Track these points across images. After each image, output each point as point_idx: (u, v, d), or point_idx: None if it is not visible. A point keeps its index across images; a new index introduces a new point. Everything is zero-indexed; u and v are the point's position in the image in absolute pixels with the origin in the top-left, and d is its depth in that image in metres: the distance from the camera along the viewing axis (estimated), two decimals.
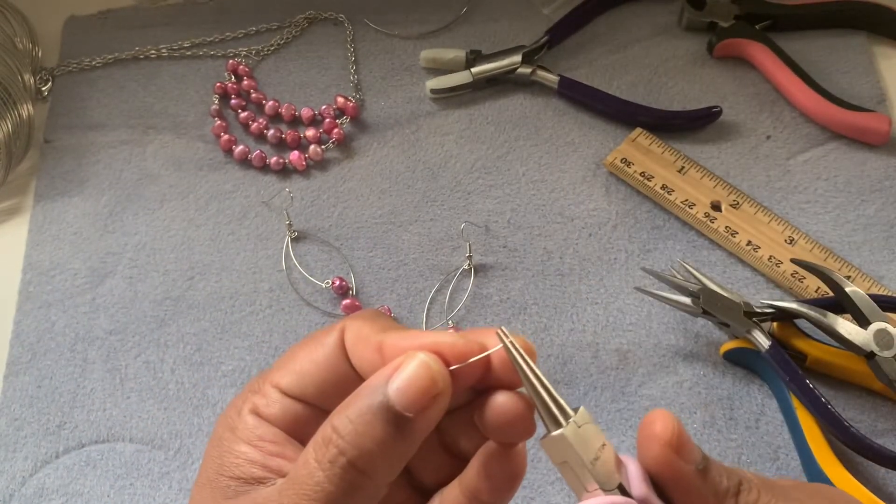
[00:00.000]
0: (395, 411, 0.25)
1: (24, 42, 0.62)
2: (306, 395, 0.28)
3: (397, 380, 0.25)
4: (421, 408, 0.25)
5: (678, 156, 0.55)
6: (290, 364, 0.29)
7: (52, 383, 0.50)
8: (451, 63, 0.59)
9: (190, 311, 0.52)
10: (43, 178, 0.58)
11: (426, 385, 0.25)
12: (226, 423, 0.29)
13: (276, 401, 0.28)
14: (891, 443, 0.46)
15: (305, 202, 0.56)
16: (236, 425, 0.28)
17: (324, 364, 0.28)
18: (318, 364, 0.28)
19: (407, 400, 0.25)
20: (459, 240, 0.53)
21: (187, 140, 0.59)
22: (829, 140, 0.56)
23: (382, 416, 0.25)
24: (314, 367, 0.28)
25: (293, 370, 0.29)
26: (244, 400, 0.29)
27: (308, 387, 0.28)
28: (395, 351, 0.26)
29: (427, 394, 0.25)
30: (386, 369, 0.25)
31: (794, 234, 0.52)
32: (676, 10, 0.61)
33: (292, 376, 0.28)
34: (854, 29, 0.60)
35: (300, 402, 0.28)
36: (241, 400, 0.29)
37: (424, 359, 0.25)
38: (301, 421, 0.28)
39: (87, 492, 0.47)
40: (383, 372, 0.25)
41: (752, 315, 0.47)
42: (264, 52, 0.62)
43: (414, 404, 0.25)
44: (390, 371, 0.25)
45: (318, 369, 0.28)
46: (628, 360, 0.49)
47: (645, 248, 0.53)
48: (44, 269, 0.54)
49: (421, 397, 0.25)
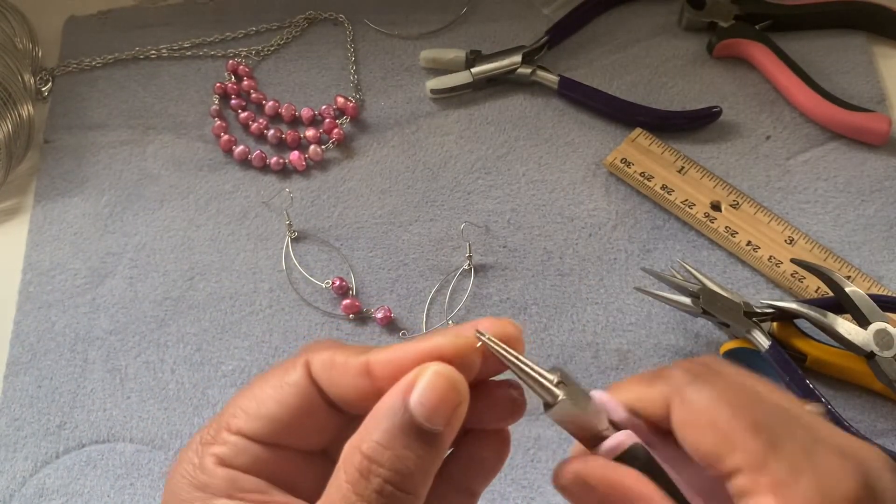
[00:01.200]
0: (425, 428, 0.24)
1: (25, 42, 0.62)
2: (276, 437, 0.27)
3: (418, 396, 0.24)
4: (448, 420, 0.24)
5: (678, 156, 0.55)
6: (250, 408, 0.27)
7: (52, 383, 0.50)
8: (451, 63, 0.59)
9: (190, 311, 0.52)
10: (43, 179, 0.58)
11: (449, 396, 0.24)
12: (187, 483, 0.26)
13: (242, 449, 0.27)
14: (891, 443, 0.46)
15: (305, 202, 0.56)
16: (206, 482, 0.26)
17: (294, 403, 0.27)
18: (286, 405, 0.27)
19: (434, 414, 0.24)
20: (459, 240, 0.53)
21: (187, 140, 0.59)
22: (829, 140, 0.56)
23: (414, 436, 0.24)
24: (283, 408, 0.27)
25: (258, 415, 0.27)
26: (199, 454, 0.27)
27: (278, 429, 0.27)
28: (387, 368, 0.26)
29: (451, 404, 0.24)
30: (399, 387, 0.25)
31: (793, 235, 0.52)
32: (676, 10, 0.61)
33: (259, 421, 0.27)
34: (854, 29, 0.60)
35: (268, 446, 0.27)
36: (194, 455, 0.27)
37: (439, 369, 0.25)
38: (272, 463, 0.27)
39: (87, 492, 0.47)
40: (397, 390, 0.25)
41: (751, 315, 0.47)
42: (264, 52, 0.62)
43: (441, 418, 0.24)
44: (405, 388, 0.24)
45: (286, 410, 0.27)
46: (628, 360, 0.49)
47: (645, 248, 0.53)
48: (44, 269, 0.54)
49: (446, 409, 0.24)
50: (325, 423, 0.28)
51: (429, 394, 0.24)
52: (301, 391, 0.27)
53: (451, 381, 0.25)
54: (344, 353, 0.27)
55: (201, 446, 0.27)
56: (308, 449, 0.28)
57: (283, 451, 0.27)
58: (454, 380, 0.25)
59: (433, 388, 0.24)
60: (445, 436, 0.25)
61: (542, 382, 0.27)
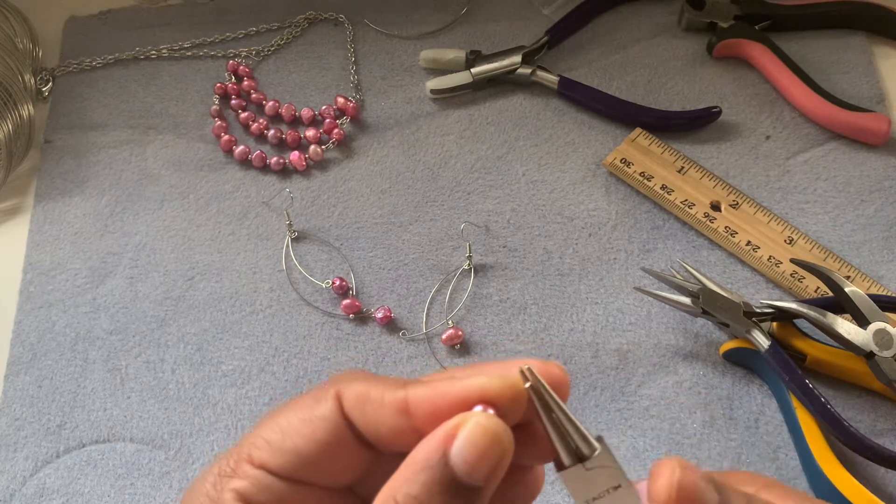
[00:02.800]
0: (465, 484, 0.23)
1: (25, 42, 0.62)
2: (301, 473, 0.25)
3: (459, 450, 0.23)
4: (490, 475, 0.23)
5: (678, 156, 0.55)
6: (274, 440, 0.25)
7: (52, 383, 0.50)
8: (451, 63, 0.59)
9: (190, 311, 0.52)
10: (43, 179, 0.58)
11: (492, 451, 0.23)
12: None
13: (266, 485, 0.25)
14: (890, 443, 0.46)
15: (305, 202, 0.56)
16: None
17: (323, 438, 0.25)
18: (314, 440, 0.25)
19: (476, 470, 0.23)
20: (459, 240, 0.54)
21: (188, 140, 0.59)
22: (829, 140, 0.56)
23: (453, 492, 0.23)
24: (310, 443, 0.25)
25: (283, 448, 0.25)
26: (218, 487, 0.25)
27: (303, 465, 0.25)
28: (427, 408, 0.24)
29: (495, 459, 0.23)
30: (439, 436, 0.23)
31: (793, 234, 0.52)
32: (676, 10, 0.61)
33: (284, 455, 0.25)
34: (854, 29, 0.60)
35: (292, 482, 0.25)
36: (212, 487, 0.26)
37: (482, 421, 0.23)
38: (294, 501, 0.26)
39: (87, 492, 0.47)
40: (437, 440, 0.23)
41: (751, 315, 0.47)
42: (264, 52, 0.62)
43: (483, 473, 0.23)
44: (445, 438, 0.23)
45: (314, 445, 0.25)
46: (628, 360, 0.49)
47: (645, 248, 0.53)
48: (44, 269, 0.54)
49: (489, 465, 0.23)
50: (354, 459, 0.26)
51: (471, 448, 0.23)
52: (331, 426, 0.25)
53: (495, 435, 0.23)
54: (379, 388, 0.25)
55: (220, 478, 0.26)
56: (333, 486, 0.27)
57: (306, 488, 0.26)
58: (498, 434, 0.23)
59: (476, 442, 0.23)
60: (487, 490, 0.23)
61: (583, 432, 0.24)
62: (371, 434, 0.25)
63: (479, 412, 0.23)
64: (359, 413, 0.25)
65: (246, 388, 0.50)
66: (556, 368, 0.25)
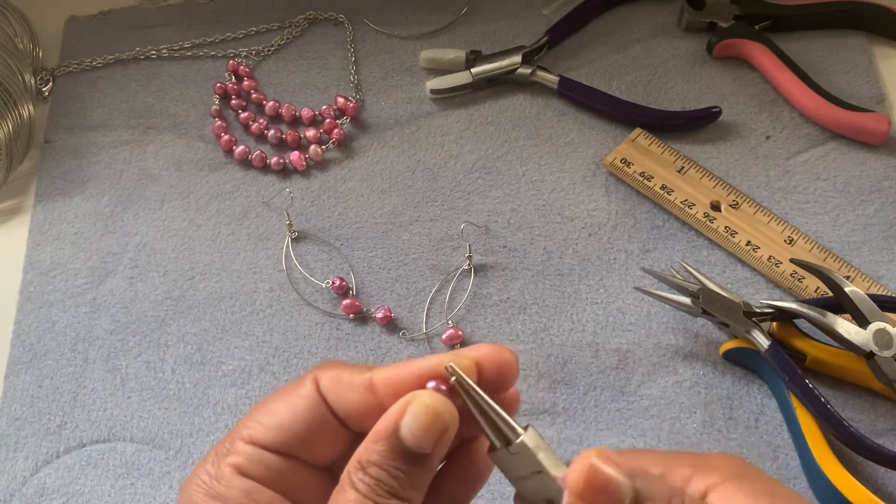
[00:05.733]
0: (414, 452, 0.27)
1: (25, 42, 0.62)
2: (288, 447, 0.29)
3: (407, 424, 0.27)
4: (435, 444, 0.27)
5: (678, 156, 0.55)
6: (265, 419, 0.29)
7: (52, 383, 0.50)
8: (451, 63, 0.59)
9: (190, 311, 0.52)
10: (43, 179, 0.58)
11: (435, 425, 0.27)
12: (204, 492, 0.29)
13: (257, 458, 0.29)
14: (890, 442, 0.46)
15: (305, 202, 0.56)
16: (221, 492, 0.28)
17: (305, 415, 0.29)
18: (298, 416, 0.29)
19: (422, 441, 0.27)
20: (459, 240, 0.54)
21: (188, 140, 0.59)
22: (829, 140, 0.56)
23: (405, 458, 0.27)
24: (294, 419, 0.29)
25: (272, 425, 0.29)
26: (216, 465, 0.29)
27: (290, 439, 0.29)
28: (389, 386, 0.28)
29: (438, 432, 0.27)
30: (393, 412, 0.27)
31: (793, 234, 0.52)
32: (676, 10, 0.61)
33: (271, 431, 0.29)
34: (854, 29, 0.60)
35: (280, 456, 0.29)
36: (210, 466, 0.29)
37: (427, 400, 0.27)
38: (283, 475, 0.29)
39: (87, 491, 0.47)
40: (391, 415, 0.27)
41: (751, 315, 0.47)
42: (264, 52, 0.62)
43: (428, 443, 0.27)
44: (398, 414, 0.27)
45: (298, 420, 0.29)
46: (628, 360, 0.49)
47: (645, 248, 0.53)
48: (44, 269, 0.54)
49: (433, 436, 0.27)
50: (334, 438, 0.30)
51: (416, 423, 0.27)
52: (311, 403, 0.29)
53: (437, 412, 0.27)
54: (349, 371, 0.29)
55: (217, 457, 0.29)
56: (317, 463, 0.30)
57: (293, 463, 0.30)
58: (440, 410, 0.27)
59: (420, 417, 0.27)
60: (434, 457, 0.27)
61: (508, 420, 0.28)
62: (344, 413, 0.30)
63: (425, 391, 0.27)
64: (332, 393, 0.29)
65: (246, 388, 0.50)
66: (507, 353, 0.29)
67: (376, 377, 0.29)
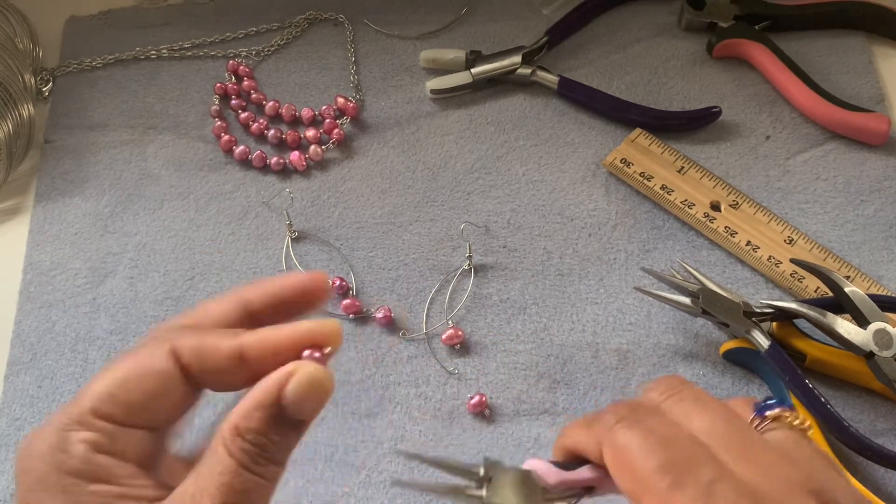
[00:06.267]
0: (294, 419, 0.28)
1: (25, 42, 0.62)
2: (143, 420, 0.29)
3: (293, 393, 0.27)
4: (315, 412, 0.28)
5: (678, 156, 0.55)
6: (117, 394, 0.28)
7: (52, 383, 0.50)
8: (451, 63, 0.59)
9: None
10: (43, 179, 0.58)
11: (319, 395, 0.28)
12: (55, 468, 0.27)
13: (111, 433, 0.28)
14: (890, 442, 0.46)
15: (305, 202, 0.56)
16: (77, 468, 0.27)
17: (161, 391, 0.29)
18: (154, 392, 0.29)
19: (304, 409, 0.28)
20: (459, 240, 0.54)
21: (188, 140, 0.59)
22: (829, 140, 0.56)
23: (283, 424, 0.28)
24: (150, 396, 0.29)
25: (124, 401, 0.28)
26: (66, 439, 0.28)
27: (141, 413, 0.29)
28: (261, 353, 0.28)
29: (321, 402, 0.28)
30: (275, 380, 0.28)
31: (793, 234, 0.52)
32: (676, 10, 0.62)
33: (127, 407, 0.28)
34: (854, 29, 0.60)
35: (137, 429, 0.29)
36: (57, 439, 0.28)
37: (311, 370, 0.28)
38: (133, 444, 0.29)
39: None
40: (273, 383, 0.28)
41: (751, 315, 0.47)
42: (264, 52, 0.62)
43: (312, 412, 0.28)
44: (280, 382, 0.27)
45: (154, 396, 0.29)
46: (628, 360, 0.49)
47: (645, 248, 0.53)
48: (44, 269, 0.54)
49: (315, 405, 0.28)
50: (181, 403, 0.30)
51: (301, 391, 0.27)
52: (168, 378, 0.29)
53: (321, 382, 0.28)
54: (213, 338, 0.29)
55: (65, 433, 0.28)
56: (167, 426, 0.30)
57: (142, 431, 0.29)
58: (323, 380, 0.28)
59: (305, 386, 0.27)
60: (309, 423, 0.29)
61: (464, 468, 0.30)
62: (210, 381, 0.30)
63: (307, 362, 0.28)
64: (198, 364, 0.29)
65: None
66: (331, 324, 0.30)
67: (246, 344, 0.29)
